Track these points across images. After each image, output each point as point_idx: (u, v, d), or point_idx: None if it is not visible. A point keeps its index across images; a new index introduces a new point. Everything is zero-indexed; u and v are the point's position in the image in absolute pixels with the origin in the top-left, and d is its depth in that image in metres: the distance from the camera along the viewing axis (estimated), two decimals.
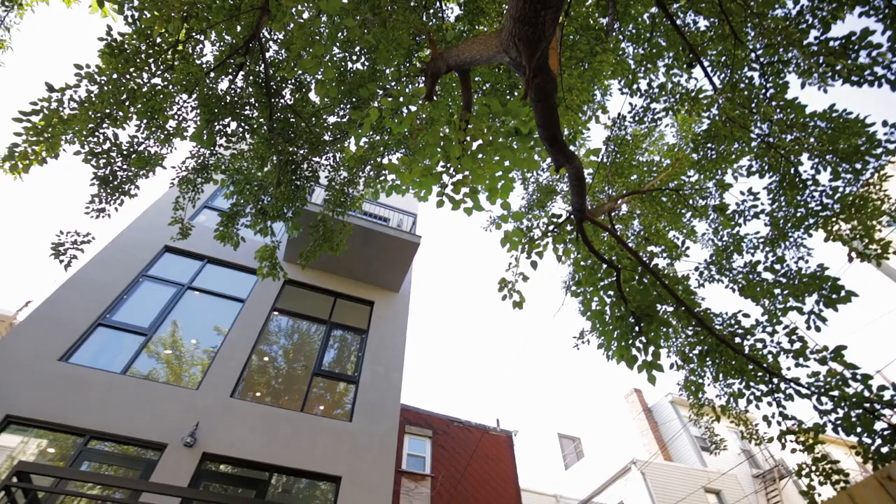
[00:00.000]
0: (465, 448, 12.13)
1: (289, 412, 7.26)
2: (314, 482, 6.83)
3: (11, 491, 3.42)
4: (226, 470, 6.55)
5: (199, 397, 6.87)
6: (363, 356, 8.72)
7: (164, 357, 7.77)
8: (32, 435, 6.06)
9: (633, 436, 19.02)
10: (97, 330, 7.28)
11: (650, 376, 4.03)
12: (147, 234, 8.94)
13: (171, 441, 6.15)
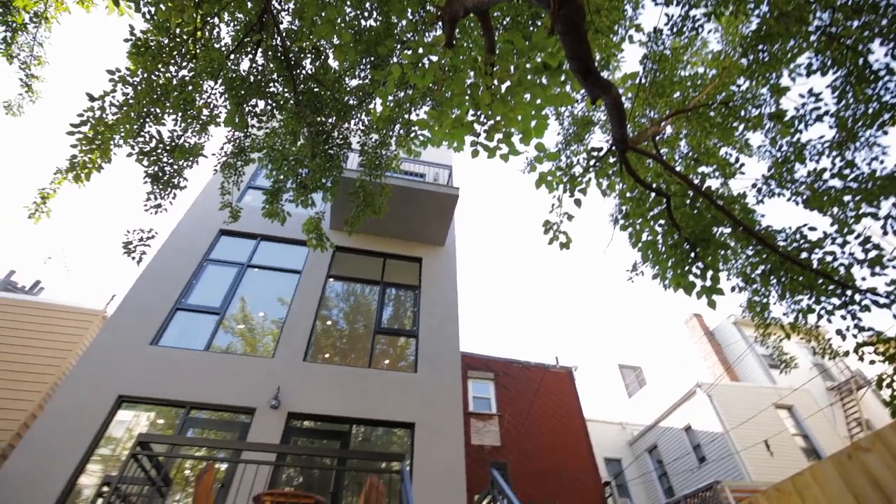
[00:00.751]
0: (528, 387, 12.56)
1: (357, 369, 7.77)
2: (390, 430, 7.38)
3: (138, 458, 3.97)
4: (310, 426, 7.19)
5: (276, 364, 7.46)
6: (419, 311, 9.04)
7: (238, 331, 8.42)
8: (142, 410, 6.88)
9: (695, 360, 18.87)
10: (176, 314, 7.97)
11: (710, 301, 3.94)
12: (202, 221, 9.46)
13: (259, 405, 6.79)
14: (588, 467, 11.57)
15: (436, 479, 6.45)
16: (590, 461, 11.73)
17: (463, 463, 6.85)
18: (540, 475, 10.97)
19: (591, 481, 11.31)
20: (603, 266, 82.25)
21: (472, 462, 10.17)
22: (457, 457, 6.87)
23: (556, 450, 11.55)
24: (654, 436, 16.95)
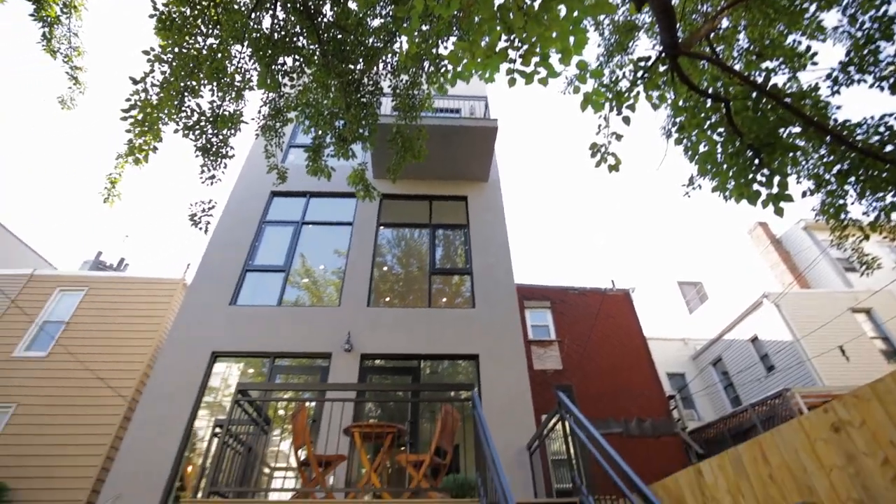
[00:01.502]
0: (585, 311, 12.68)
1: (418, 310, 8.15)
2: (456, 362, 7.81)
3: (241, 403, 4.53)
4: (382, 364, 7.75)
5: (343, 311, 7.97)
6: (470, 248, 9.16)
7: (304, 285, 8.98)
8: (233, 362, 7.69)
9: (761, 270, 18.05)
10: (246, 275, 8.59)
11: (777, 209, 3.72)
12: (253, 186, 9.86)
13: (334, 349, 7.38)
14: (651, 383, 11.79)
15: (504, 403, 6.86)
16: (652, 377, 11.93)
17: (528, 387, 7.21)
18: (604, 393, 11.34)
19: (654, 396, 11.57)
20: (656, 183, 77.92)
21: (537, 386, 10.64)
22: (521, 382, 7.23)
23: (618, 369, 11.80)
24: (719, 349, 16.80)
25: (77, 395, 8.63)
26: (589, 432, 4.03)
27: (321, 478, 4.27)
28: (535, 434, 6.30)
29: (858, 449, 1.94)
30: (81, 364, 8.93)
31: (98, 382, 8.72)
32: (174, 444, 6.45)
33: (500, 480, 3.10)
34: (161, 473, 6.21)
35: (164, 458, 6.33)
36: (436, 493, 4.34)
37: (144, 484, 6.11)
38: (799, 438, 2.15)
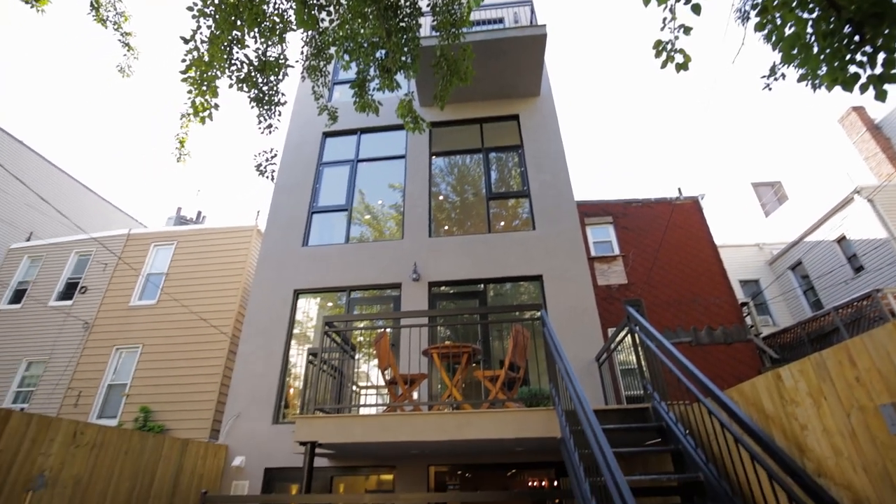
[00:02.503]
0: (651, 223, 12.23)
1: (478, 236, 8.28)
2: (520, 283, 8.00)
3: (328, 334, 5.03)
4: (449, 290, 8.11)
5: (406, 243, 8.28)
6: (525, 168, 8.96)
7: (366, 221, 9.33)
8: (313, 298, 8.38)
9: (853, 162, 16.15)
10: (313, 217, 9.04)
11: (879, 92, 3.28)
12: (305, 130, 10.04)
13: (403, 279, 7.80)
14: (722, 291, 11.45)
15: (570, 319, 7.04)
16: (723, 285, 11.55)
17: (593, 303, 7.30)
18: (672, 304, 11.22)
19: (726, 304, 11.28)
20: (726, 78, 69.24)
21: (602, 301, 10.73)
22: (586, 298, 7.32)
23: (687, 279, 11.52)
24: (799, 252, 15.75)
25: (187, 334, 9.89)
26: (659, 342, 4.10)
27: (408, 393, 4.76)
28: (603, 347, 6.48)
29: None
30: (185, 308, 10.12)
31: (202, 323, 9.90)
32: (275, 371, 7.34)
33: (574, 389, 3.30)
34: (269, 396, 7.16)
35: (268, 383, 7.26)
36: (512, 403, 4.71)
37: (257, 404, 7.11)
38: (893, 341, 2.09)
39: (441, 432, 4.27)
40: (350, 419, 4.58)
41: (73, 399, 9.55)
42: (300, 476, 6.51)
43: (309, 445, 4.44)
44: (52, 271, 11.88)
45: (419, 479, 6.25)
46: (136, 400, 9.28)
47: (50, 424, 4.19)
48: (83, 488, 4.44)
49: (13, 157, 14.33)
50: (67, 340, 10.49)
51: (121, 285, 10.98)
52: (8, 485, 3.76)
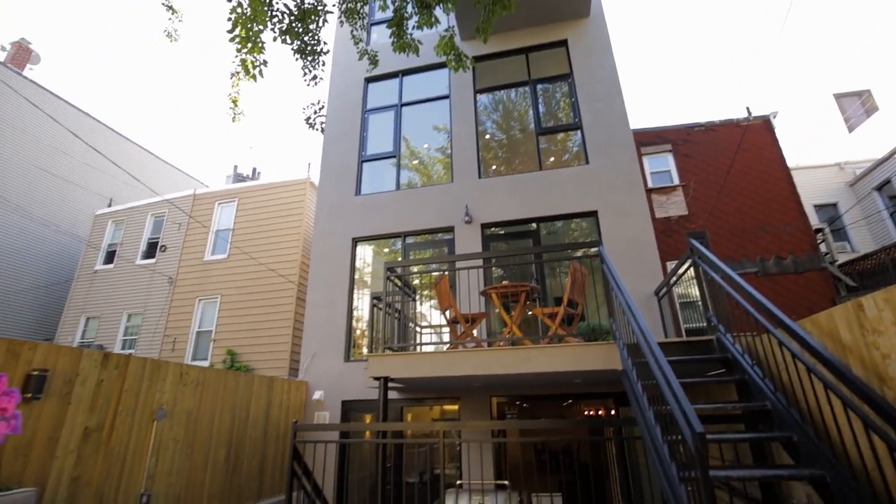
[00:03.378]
0: (715, 148, 11.39)
1: (529, 174, 8.11)
2: (574, 220, 7.87)
3: (390, 279, 5.28)
4: (501, 231, 8.13)
5: (456, 186, 8.28)
6: (576, 99, 8.49)
7: (413, 167, 9.35)
8: (370, 245, 8.70)
9: None
10: (363, 166, 9.18)
11: None
12: (347, 77, 9.94)
13: (455, 223, 7.89)
14: (794, 217, 10.66)
15: (627, 254, 6.91)
16: (795, 210, 10.73)
17: (652, 237, 7.09)
18: (738, 233, 10.64)
19: (798, 231, 10.54)
20: None
21: (660, 234, 10.35)
22: (644, 232, 7.11)
23: (754, 206, 10.79)
24: (888, 169, 14.17)
25: (258, 284, 10.68)
26: (724, 273, 3.98)
27: (469, 331, 4.98)
28: (663, 281, 6.36)
29: None
30: (253, 259, 10.86)
31: (270, 273, 10.62)
32: (342, 315, 7.86)
33: (637, 323, 3.33)
34: (338, 337, 7.73)
35: (336, 326, 7.81)
36: (571, 338, 4.82)
37: (328, 345, 7.71)
38: None
39: (503, 366, 4.50)
40: (417, 356, 4.90)
41: (170, 345, 10.77)
42: (372, 407, 7.13)
43: (382, 380, 4.84)
44: (133, 233, 13.01)
45: (482, 408, 6.67)
46: (222, 344, 10.32)
47: (160, 367, 4.81)
48: (194, 419, 5.15)
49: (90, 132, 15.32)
50: (157, 294, 11.67)
51: (194, 242, 11.88)
52: (138, 415, 4.44)
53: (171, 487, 4.76)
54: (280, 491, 6.41)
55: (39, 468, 3.57)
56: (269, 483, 6.31)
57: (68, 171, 14.96)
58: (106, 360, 4.23)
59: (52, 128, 14.00)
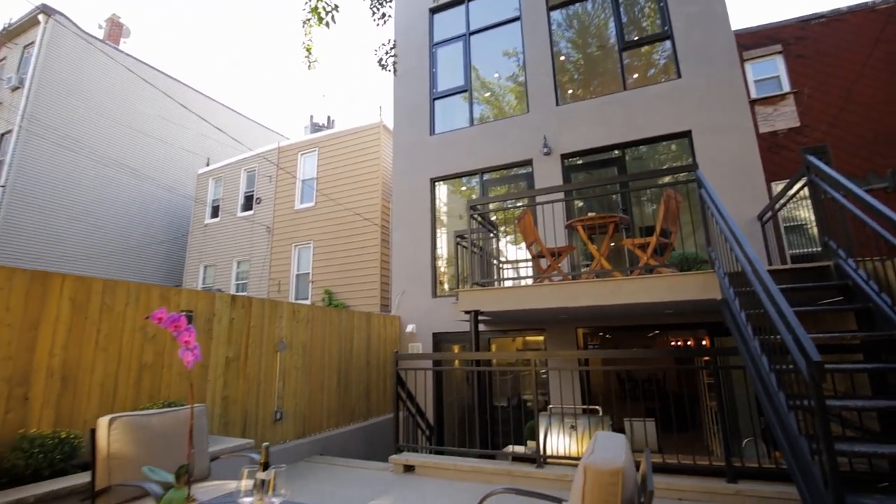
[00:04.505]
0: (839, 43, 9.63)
1: (612, 96, 7.52)
2: (663, 144, 7.28)
3: (473, 217, 5.36)
4: (581, 161, 7.76)
5: (533, 117, 7.93)
6: (665, 3, 7.52)
7: (485, 99, 9.05)
8: (449, 184, 8.78)
9: None
10: (434, 104, 9.06)
11: None
12: (410, 11, 9.58)
13: (533, 155, 7.66)
14: None
15: (726, 178, 6.32)
16: None
17: (756, 155, 6.40)
18: (864, 145, 9.16)
19: None
20: None
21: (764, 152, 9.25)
22: (747, 151, 6.43)
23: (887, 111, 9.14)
24: None
25: (345, 228, 11.35)
26: (848, 190, 3.54)
27: (556, 265, 5.00)
28: (768, 204, 5.81)
29: None
30: (339, 205, 11.48)
31: (354, 217, 11.20)
32: (426, 254, 8.20)
33: (743, 250, 3.14)
34: (424, 275, 8.12)
35: (421, 264, 8.18)
36: (664, 269, 4.66)
37: (416, 282, 8.15)
38: None
39: (593, 298, 4.50)
40: (506, 290, 5.05)
41: (275, 287, 12.01)
42: (460, 338, 7.56)
43: (473, 314, 5.09)
44: (231, 188, 14.22)
45: (568, 339, 6.80)
46: (319, 285, 11.30)
47: (276, 306, 5.44)
48: (308, 350, 5.84)
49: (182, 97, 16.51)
50: (258, 242, 12.88)
51: (284, 193, 12.75)
52: (264, 347, 5.14)
53: (297, 406, 5.55)
54: (384, 411, 7.20)
55: (198, 390, 4.34)
56: (375, 404, 7.10)
57: (169, 135, 16.41)
58: (233, 301, 4.88)
59: (151, 96, 15.27)
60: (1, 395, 3.05)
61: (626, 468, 1.41)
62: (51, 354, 3.33)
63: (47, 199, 12.90)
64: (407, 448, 5.07)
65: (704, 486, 3.67)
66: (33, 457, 2.93)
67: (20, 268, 3.26)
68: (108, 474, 2.54)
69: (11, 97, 13.25)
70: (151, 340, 4.00)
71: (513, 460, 4.47)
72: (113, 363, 3.70)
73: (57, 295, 3.41)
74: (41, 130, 12.84)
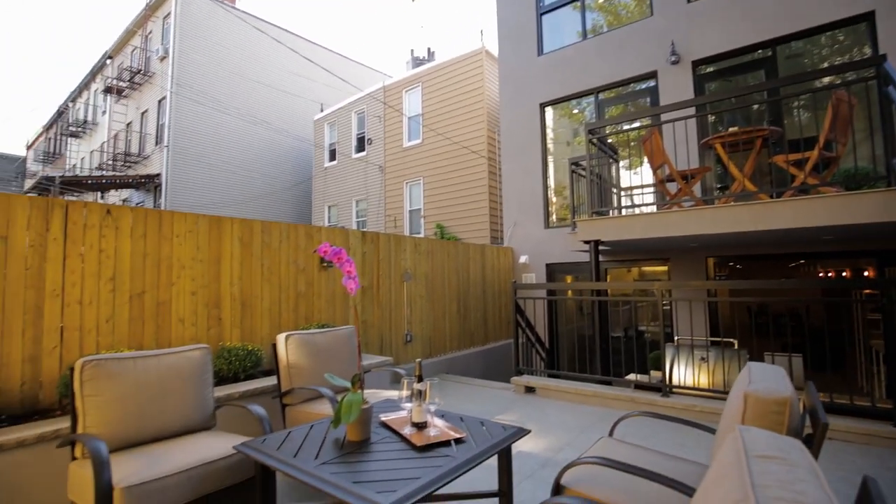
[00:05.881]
0: None
1: None
2: (828, 34, 5.93)
3: (592, 141, 5.05)
4: (716, 68, 6.69)
5: (657, 20, 6.94)
6: None
7: (598, 6, 8.07)
8: (559, 108, 8.26)
9: None
10: (542, 19, 8.34)
11: None
12: None
13: (658, 66, 6.80)
14: None
15: None
16: None
17: None
18: None
19: None
20: None
21: None
22: None
23: None
24: None
25: (452, 162, 11.46)
26: None
27: (687, 189, 4.56)
28: None
29: None
30: (446, 139, 11.54)
31: (461, 150, 11.21)
32: (538, 183, 8.00)
33: None
34: (536, 205, 7.99)
35: (533, 194, 8.03)
36: (826, 188, 3.99)
37: (527, 213, 8.07)
38: None
39: (735, 224, 4.07)
40: (630, 218, 4.79)
41: (391, 223, 12.80)
42: (573, 269, 7.45)
43: (592, 243, 4.95)
44: (344, 131, 15.00)
45: (696, 269, 6.33)
46: (430, 220, 11.78)
47: (400, 240, 5.84)
48: (431, 280, 6.26)
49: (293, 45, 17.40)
50: (373, 181, 13.65)
51: (392, 132, 13.13)
52: (392, 277, 5.63)
53: (423, 330, 6.08)
54: (500, 338, 7.57)
55: (341, 315, 4.96)
56: (492, 330, 7.48)
57: (285, 84, 17.57)
58: (364, 237, 5.34)
59: (266, 48, 16.32)
60: (204, 315, 3.82)
61: (792, 399, 1.35)
62: (231, 284, 4.03)
63: (199, 154, 14.94)
64: (526, 371, 5.33)
65: (864, 429, 3.34)
66: (231, 364, 3.68)
67: (202, 214, 3.91)
68: (290, 379, 3.11)
69: (161, 66, 15.14)
70: (303, 272, 4.61)
71: (635, 388, 4.47)
72: (275, 291, 4.37)
73: (229, 235, 4.05)
74: (188, 93, 14.62)
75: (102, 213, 3.30)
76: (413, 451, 1.81)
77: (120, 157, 16.40)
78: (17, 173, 28.59)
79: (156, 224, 3.57)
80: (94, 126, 19.90)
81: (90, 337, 3.18)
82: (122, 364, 2.27)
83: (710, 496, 0.85)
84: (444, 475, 1.58)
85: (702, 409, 3.85)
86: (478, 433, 2.01)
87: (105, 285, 3.27)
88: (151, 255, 3.53)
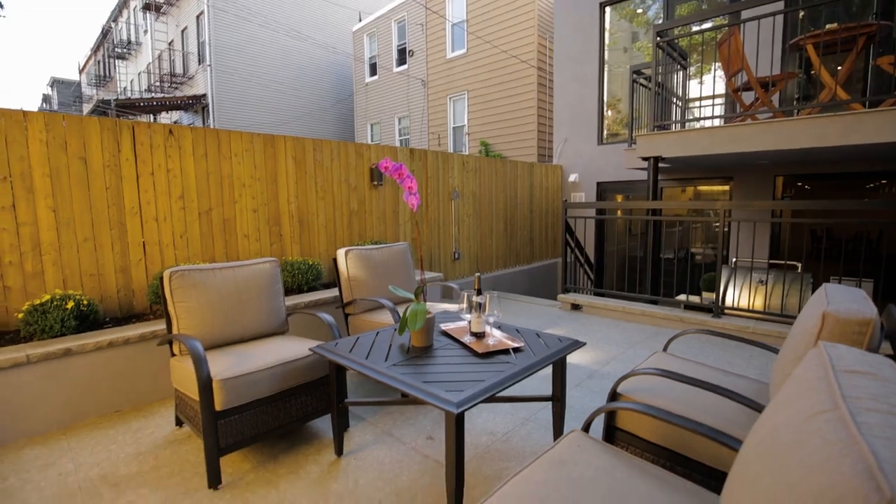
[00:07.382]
0: None
1: None
2: None
3: (660, 45, 4.55)
4: None
5: None
6: None
7: None
8: (620, 7, 7.41)
9: None
10: None
11: None
12: None
13: None
14: None
15: None
16: None
17: None
18: None
19: None
20: None
21: None
22: None
23: None
24: None
25: (499, 74, 10.78)
26: None
27: (766, 99, 4.11)
28: None
29: None
30: (493, 47, 10.77)
31: (509, 60, 10.48)
32: (592, 95, 7.46)
33: None
34: (589, 119, 7.52)
35: (587, 107, 7.53)
36: None
37: (580, 128, 7.64)
38: None
39: (818, 139, 3.68)
40: (696, 132, 4.43)
41: (435, 141, 12.53)
42: (626, 188, 7.15)
43: (651, 160, 4.68)
44: (385, 43, 14.26)
45: (762, 189, 5.91)
46: (475, 136, 11.41)
47: (447, 158, 5.75)
48: (478, 198, 6.22)
49: None
50: (415, 97, 13.17)
51: (435, 42, 12.35)
52: (440, 196, 5.63)
53: (471, 248, 6.17)
54: (546, 257, 7.58)
55: (392, 232, 5.08)
56: (538, 249, 7.49)
57: None
58: (412, 154, 5.28)
59: None
60: (266, 232, 4.03)
61: (876, 321, 1.30)
62: (288, 202, 4.18)
63: (241, 72, 14.79)
64: (573, 289, 5.39)
65: None
66: (295, 276, 3.93)
67: (256, 133, 3.96)
68: (350, 291, 3.30)
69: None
70: (354, 191, 4.68)
71: (685, 308, 4.44)
72: (330, 209, 4.50)
73: (283, 154, 4.12)
74: (224, 5, 14.16)
75: (165, 134, 3.41)
76: (474, 356, 1.93)
77: (166, 77, 16.54)
78: (75, 97, 29.66)
79: (214, 143, 3.67)
80: (137, 46, 19.93)
81: (169, 251, 3.45)
82: (204, 274, 2.47)
83: (790, 408, 0.86)
84: (506, 379, 1.69)
85: (754, 331, 3.80)
86: (534, 343, 2.10)
87: (175, 203, 3.47)
88: (214, 173, 3.67)
